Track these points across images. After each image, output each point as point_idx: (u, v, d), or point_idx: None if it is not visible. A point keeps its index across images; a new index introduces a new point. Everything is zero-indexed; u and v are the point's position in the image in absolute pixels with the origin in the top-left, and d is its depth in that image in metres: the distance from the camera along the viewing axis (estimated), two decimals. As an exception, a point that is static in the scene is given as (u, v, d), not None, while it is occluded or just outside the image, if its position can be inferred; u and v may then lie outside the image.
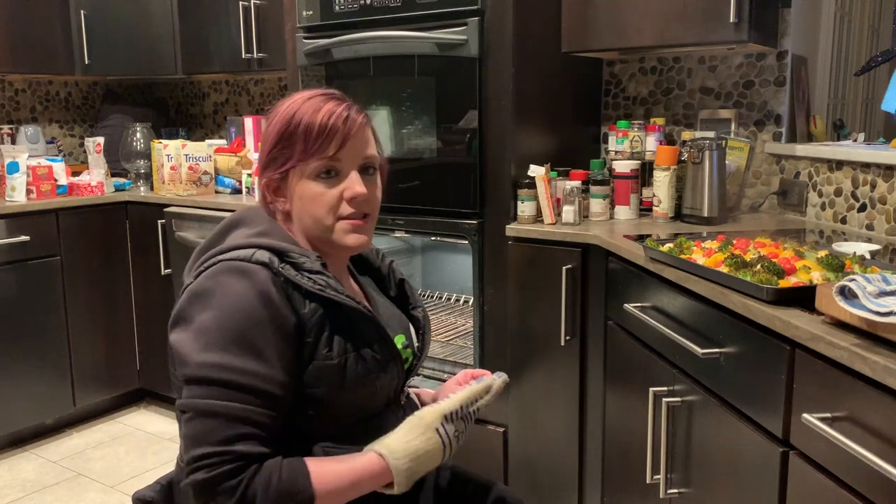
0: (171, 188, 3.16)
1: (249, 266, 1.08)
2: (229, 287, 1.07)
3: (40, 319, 3.00)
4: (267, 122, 1.20)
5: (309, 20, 2.57)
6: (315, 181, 1.16)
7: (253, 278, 1.07)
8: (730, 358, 1.43)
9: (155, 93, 4.11)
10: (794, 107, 2.42)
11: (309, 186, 1.16)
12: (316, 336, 1.10)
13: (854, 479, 1.09)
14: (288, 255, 1.12)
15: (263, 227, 1.18)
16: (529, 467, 2.32)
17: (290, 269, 1.10)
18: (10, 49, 3.15)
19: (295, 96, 1.19)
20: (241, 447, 1.01)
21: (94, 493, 2.69)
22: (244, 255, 1.10)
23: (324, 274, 1.13)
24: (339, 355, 1.12)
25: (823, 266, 1.36)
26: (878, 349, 1.04)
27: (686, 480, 1.64)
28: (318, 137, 1.14)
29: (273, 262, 1.09)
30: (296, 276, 1.10)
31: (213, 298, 1.07)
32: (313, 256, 1.14)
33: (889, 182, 1.95)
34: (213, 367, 1.03)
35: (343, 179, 1.17)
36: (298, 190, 1.17)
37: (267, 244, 1.12)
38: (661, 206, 2.28)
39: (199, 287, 1.10)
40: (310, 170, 1.15)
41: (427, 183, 2.42)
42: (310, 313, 1.10)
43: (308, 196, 1.16)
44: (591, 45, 2.37)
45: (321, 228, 1.18)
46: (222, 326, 1.05)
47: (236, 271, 1.08)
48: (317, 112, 1.15)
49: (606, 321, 2.07)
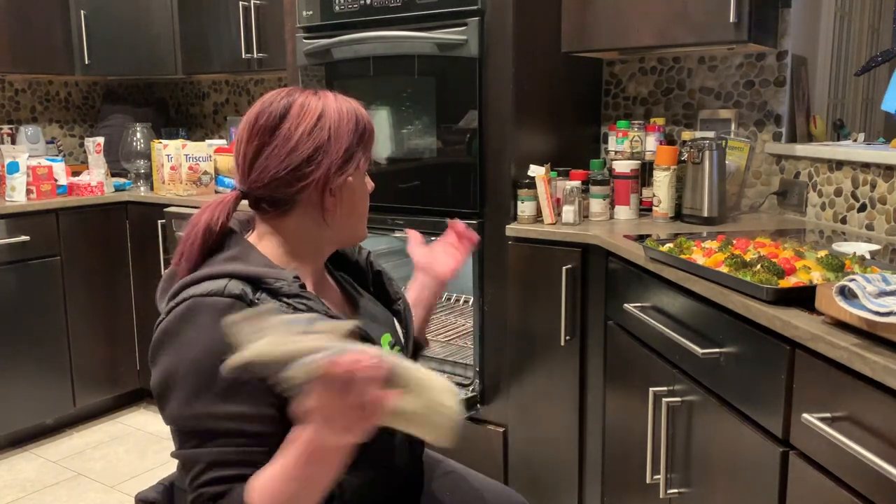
0: (171, 188, 3.16)
1: (222, 302, 1.03)
2: (201, 330, 1.02)
3: (40, 319, 3.00)
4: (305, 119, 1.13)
5: (309, 20, 2.57)
6: (365, 177, 1.22)
7: (226, 315, 1.00)
8: (730, 358, 1.43)
9: (155, 93, 4.11)
10: (794, 107, 2.42)
11: (362, 183, 1.21)
12: None
13: (854, 479, 1.09)
14: (263, 281, 1.07)
15: (235, 251, 1.13)
16: (529, 467, 2.32)
17: (266, 297, 1.06)
18: (10, 49, 3.15)
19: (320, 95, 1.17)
20: (212, 489, 1.01)
21: (94, 493, 2.69)
22: (216, 289, 1.04)
23: (302, 296, 1.08)
24: None
25: (823, 266, 1.36)
26: (878, 349, 1.04)
27: (686, 480, 1.64)
28: (372, 135, 1.21)
29: (246, 295, 1.04)
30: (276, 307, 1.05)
31: (186, 343, 1.03)
32: (290, 278, 1.09)
33: (889, 182, 1.95)
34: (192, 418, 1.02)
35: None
36: (354, 188, 1.19)
37: (240, 272, 1.07)
38: (661, 206, 2.28)
39: (171, 326, 1.05)
40: (365, 167, 1.21)
41: (427, 183, 2.42)
42: None
43: (362, 192, 1.21)
44: (591, 45, 2.37)
45: (360, 224, 1.23)
46: (198, 372, 1.01)
47: (209, 310, 1.03)
48: (356, 112, 1.19)
49: (606, 321, 2.07)
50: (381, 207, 2.44)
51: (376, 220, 2.47)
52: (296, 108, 1.14)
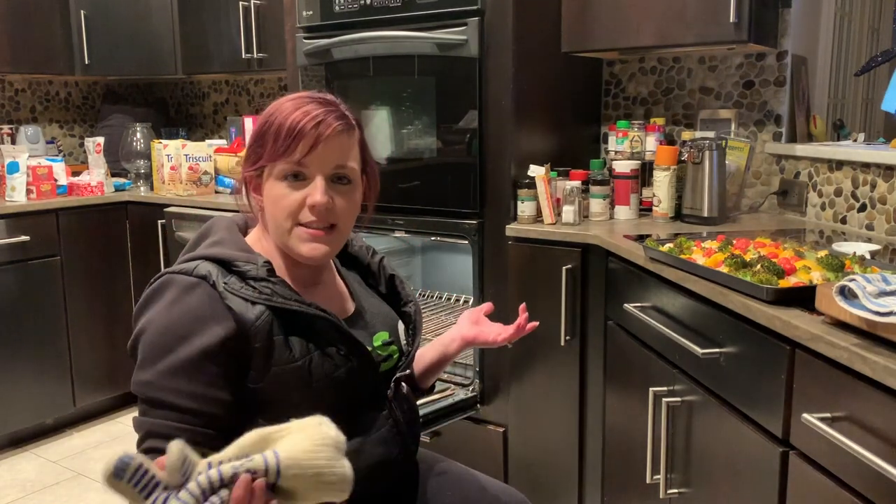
0: (171, 188, 3.16)
1: (187, 281, 1.09)
2: (164, 304, 1.08)
3: (40, 319, 3.00)
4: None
5: (309, 20, 2.57)
6: (281, 182, 1.14)
7: (188, 294, 1.08)
8: (730, 358, 1.43)
9: (155, 93, 4.11)
10: (794, 107, 2.42)
11: (275, 187, 1.15)
12: (265, 341, 1.09)
13: (854, 479, 1.09)
14: (233, 264, 1.12)
15: (219, 237, 1.18)
16: (529, 467, 2.32)
17: (234, 280, 1.10)
18: (10, 49, 3.15)
19: (288, 95, 1.19)
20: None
21: (94, 493, 2.69)
22: (187, 269, 1.10)
23: (268, 280, 1.11)
24: (302, 356, 1.11)
25: (823, 266, 1.36)
26: (878, 349, 1.04)
27: (686, 480, 1.64)
28: (286, 139, 1.12)
29: (210, 276, 1.09)
30: (240, 289, 1.09)
31: (150, 314, 1.09)
32: (260, 262, 1.13)
33: (889, 182, 1.95)
34: (141, 385, 1.06)
35: (308, 184, 1.14)
36: (267, 189, 1.16)
37: (213, 254, 1.12)
38: (661, 206, 2.28)
39: (144, 299, 1.12)
40: (277, 171, 1.14)
41: (427, 183, 2.42)
42: (254, 318, 1.08)
43: (273, 197, 1.15)
44: (591, 45, 2.37)
45: (279, 232, 1.16)
46: (153, 343, 1.07)
47: (175, 286, 1.09)
48: (292, 113, 1.13)
49: (606, 321, 2.07)
50: (381, 207, 2.44)
51: (376, 220, 2.47)
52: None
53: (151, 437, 1.04)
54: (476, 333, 1.42)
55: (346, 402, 1.17)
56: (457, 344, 1.41)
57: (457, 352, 1.42)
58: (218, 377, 1.06)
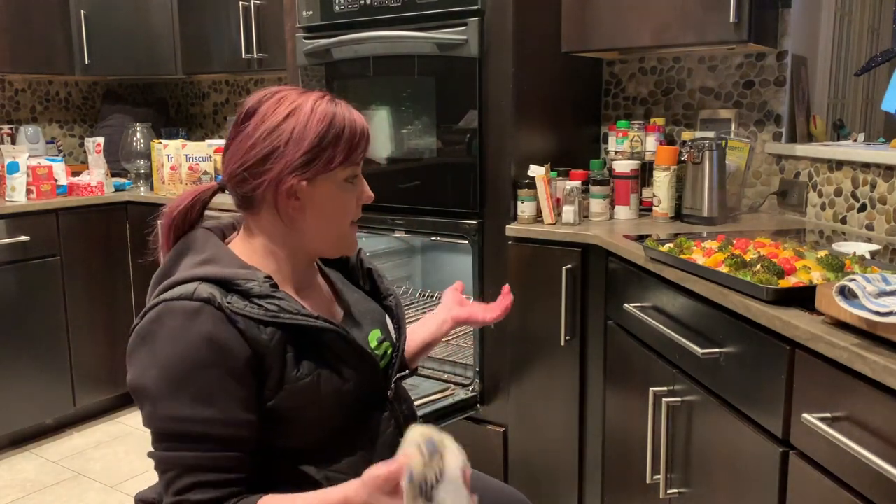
0: (171, 188, 3.16)
1: (190, 306, 1.03)
2: (172, 333, 1.03)
3: (40, 319, 3.00)
4: (276, 114, 1.10)
5: (309, 20, 2.57)
6: (343, 186, 1.14)
7: (195, 321, 1.03)
8: (730, 358, 1.43)
9: (155, 93, 4.11)
10: (794, 107, 2.42)
11: (337, 192, 1.14)
12: (279, 360, 1.07)
13: (854, 479, 1.09)
14: (234, 283, 1.07)
15: (208, 254, 1.12)
16: (529, 467, 2.32)
17: (237, 299, 1.05)
18: (10, 49, 3.15)
19: (306, 94, 1.13)
20: (194, 496, 1.02)
21: (94, 493, 2.69)
22: (186, 293, 1.04)
23: (273, 297, 1.07)
24: (311, 373, 1.09)
25: (823, 266, 1.36)
26: (878, 349, 1.04)
27: (686, 480, 1.64)
28: (358, 141, 1.13)
29: (215, 298, 1.04)
30: (245, 308, 1.05)
31: (157, 346, 1.04)
32: (261, 278, 1.08)
33: (889, 182, 1.95)
34: (165, 420, 1.03)
35: (358, 183, 1.17)
36: (322, 195, 1.12)
37: (211, 275, 1.07)
38: (661, 206, 2.28)
39: (143, 330, 1.06)
40: (341, 175, 1.13)
41: (427, 183, 2.42)
42: (268, 338, 1.06)
43: (335, 201, 1.14)
44: (591, 45, 2.37)
45: (335, 235, 1.17)
46: (168, 377, 1.02)
47: (179, 314, 1.03)
48: (353, 115, 1.13)
49: (606, 321, 2.07)
50: (381, 207, 2.44)
51: (376, 220, 2.47)
52: (266, 105, 1.11)
53: (195, 472, 1.02)
54: (467, 314, 1.45)
55: (354, 411, 1.17)
56: (448, 325, 1.44)
57: (447, 332, 1.45)
58: (245, 399, 1.04)
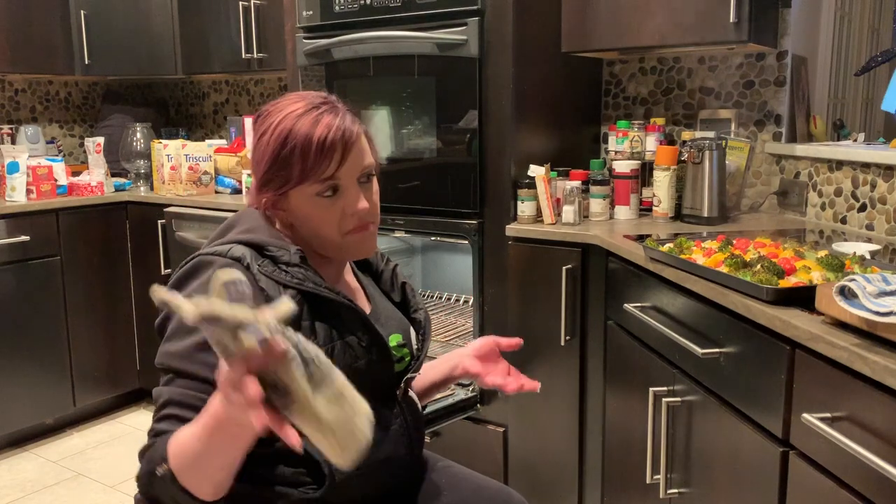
0: (171, 188, 3.16)
1: (222, 261, 1.09)
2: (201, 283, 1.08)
3: (40, 319, 3.00)
4: (258, 132, 1.15)
5: (309, 20, 2.57)
6: (316, 201, 1.13)
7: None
8: (730, 358, 1.43)
9: (155, 93, 4.11)
10: (794, 107, 2.42)
11: (310, 207, 1.14)
12: (294, 325, 1.07)
13: (854, 479, 1.09)
14: (266, 249, 1.12)
15: (249, 225, 1.18)
16: (529, 467, 2.32)
17: (268, 264, 1.11)
18: (10, 49, 3.15)
19: (286, 107, 1.14)
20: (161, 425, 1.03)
21: (94, 493, 2.69)
22: (221, 251, 1.11)
23: (301, 267, 1.12)
24: (325, 343, 1.12)
25: (823, 266, 1.36)
26: (878, 349, 1.04)
27: (686, 480, 1.64)
28: (316, 157, 1.10)
29: (245, 258, 1.09)
30: (273, 272, 1.10)
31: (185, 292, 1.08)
32: (293, 250, 1.13)
33: (889, 182, 1.95)
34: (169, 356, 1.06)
35: (344, 194, 1.14)
36: (299, 209, 1.15)
37: (246, 239, 1.13)
38: (661, 206, 2.28)
39: (177, 279, 1.12)
40: (309, 191, 1.13)
41: (427, 183, 2.42)
42: None
43: (310, 216, 1.15)
44: (591, 45, 2.37)
45: (329, 245, 1.18)
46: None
47: (209, 267, 1.09)
48: (313, 129, 1.10)
49: (606, 321, 2.07)
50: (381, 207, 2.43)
51: (376, 220, 2.47)
52: (258, 122, 1.17)
53: (172, 405, 1.03)
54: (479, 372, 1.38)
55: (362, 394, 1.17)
56: (459, 371, 1.40)
57: (459, 378, 1.43)
58: None
